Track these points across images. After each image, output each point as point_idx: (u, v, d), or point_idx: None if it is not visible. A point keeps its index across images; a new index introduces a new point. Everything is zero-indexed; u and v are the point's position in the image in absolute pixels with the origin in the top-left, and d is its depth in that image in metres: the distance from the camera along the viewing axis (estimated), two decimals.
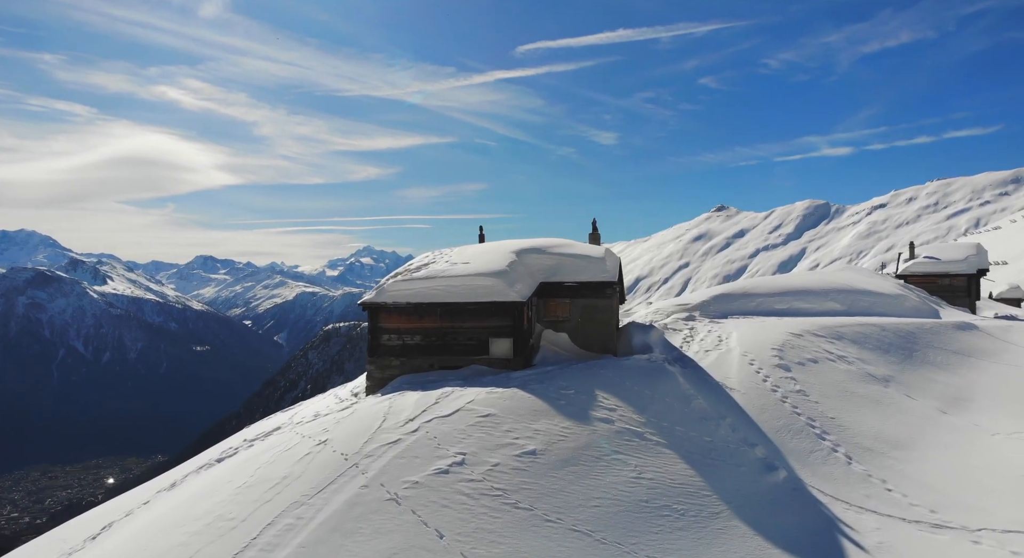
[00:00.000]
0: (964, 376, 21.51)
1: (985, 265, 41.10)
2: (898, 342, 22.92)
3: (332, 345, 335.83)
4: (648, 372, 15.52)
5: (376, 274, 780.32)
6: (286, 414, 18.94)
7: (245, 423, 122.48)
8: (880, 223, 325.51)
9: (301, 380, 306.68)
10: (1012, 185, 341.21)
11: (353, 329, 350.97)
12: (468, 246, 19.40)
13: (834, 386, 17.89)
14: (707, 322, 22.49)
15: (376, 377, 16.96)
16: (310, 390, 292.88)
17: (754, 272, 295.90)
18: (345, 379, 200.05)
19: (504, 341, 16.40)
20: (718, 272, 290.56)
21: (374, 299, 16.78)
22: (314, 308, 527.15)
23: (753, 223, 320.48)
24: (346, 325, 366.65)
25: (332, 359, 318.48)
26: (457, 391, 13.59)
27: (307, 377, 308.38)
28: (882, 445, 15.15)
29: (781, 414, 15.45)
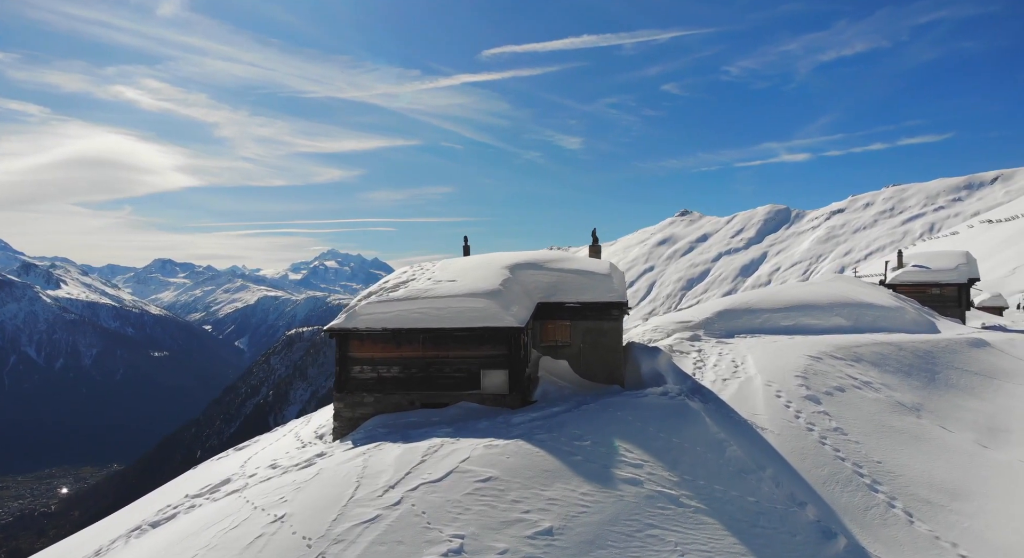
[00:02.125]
0: (991, 401, 19.71)
1: (975, 274, 39.90)
2: (918, 363, 21.04)
3: (295, 350, 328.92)
4: (670, 412, 13.20)
5: (340, 278, 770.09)
6: (239, 456, 16.20)
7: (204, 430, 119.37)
8: (839, 228, 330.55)
9: (263, 386, 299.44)
10: (964, 191, 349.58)
11: (316, 334, 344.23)
12: (453, 259, 16.91)
13: (868, 420, 15.82)
14: (714, 342, 20.33)
15: (345, 417, 14.36)
16: (272, 396, 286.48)
17: (717, 276, 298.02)
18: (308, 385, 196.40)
19: (498, 373, 13.95)
20: (682, 276, 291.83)
21: (343, 324, 14.19)
22: (276, 312, 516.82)
23: (716, 227, 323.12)
24: (309, 330, 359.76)
25: (295, 365, 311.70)
26: (448, 444, 11.08)
27: (269, 383, 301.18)
28: (938, 495, 13.08)
29: (824, 460, 13.28)
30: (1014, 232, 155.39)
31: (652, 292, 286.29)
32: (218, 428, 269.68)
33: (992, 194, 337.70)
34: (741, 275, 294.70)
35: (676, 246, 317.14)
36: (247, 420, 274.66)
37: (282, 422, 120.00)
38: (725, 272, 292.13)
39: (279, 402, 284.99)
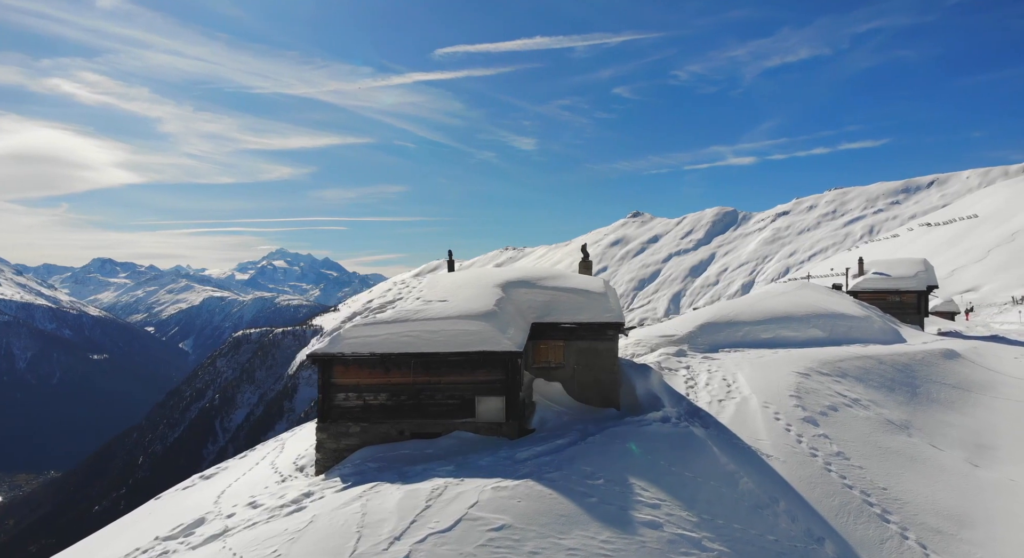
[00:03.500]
0: (973, 416, 19.78)
1: (934, 282, 40.72)
2: (899, 378, 21.03)
3: (242, 352, 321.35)
4: (677, 443, 12.63)
5: (290, 278, 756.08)
6: (209, 487, 15.04)
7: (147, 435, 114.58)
8: (784, 229, 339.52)
9: (208, 390, 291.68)
10: (902, 194, 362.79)
11: (265, 336, 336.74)
12: (439, 276, 16.03)
13: (865, 441, 15.56)
14: (700, 358, 19.93)
15: (329, 448, 13.38)
16: (218, 400, 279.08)
17: (667, 276, 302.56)
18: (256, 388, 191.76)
19: (494, 400, 13.17)
20: (634, 276, 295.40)
21: (328, 349, 13.20)
22: (222, 313, 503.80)
23: (666, 229, 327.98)
24: (257, 331, 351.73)
25: (242, 367, 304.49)
26: (452, 485, 10.26)
27: (215, 386, 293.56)
28: (946, 523, 12.83)
29: (832, 488, 12.89)
30: (952, 235, 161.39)
31: None
32: (161, 433, 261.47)
33: (928, 198, 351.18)
34: (690, 275, 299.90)
35: (628, 247, 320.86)
36: (192, 425, 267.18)
37: (229, 426, 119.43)
38: (675, 273, 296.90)
39: (226, 406, 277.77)
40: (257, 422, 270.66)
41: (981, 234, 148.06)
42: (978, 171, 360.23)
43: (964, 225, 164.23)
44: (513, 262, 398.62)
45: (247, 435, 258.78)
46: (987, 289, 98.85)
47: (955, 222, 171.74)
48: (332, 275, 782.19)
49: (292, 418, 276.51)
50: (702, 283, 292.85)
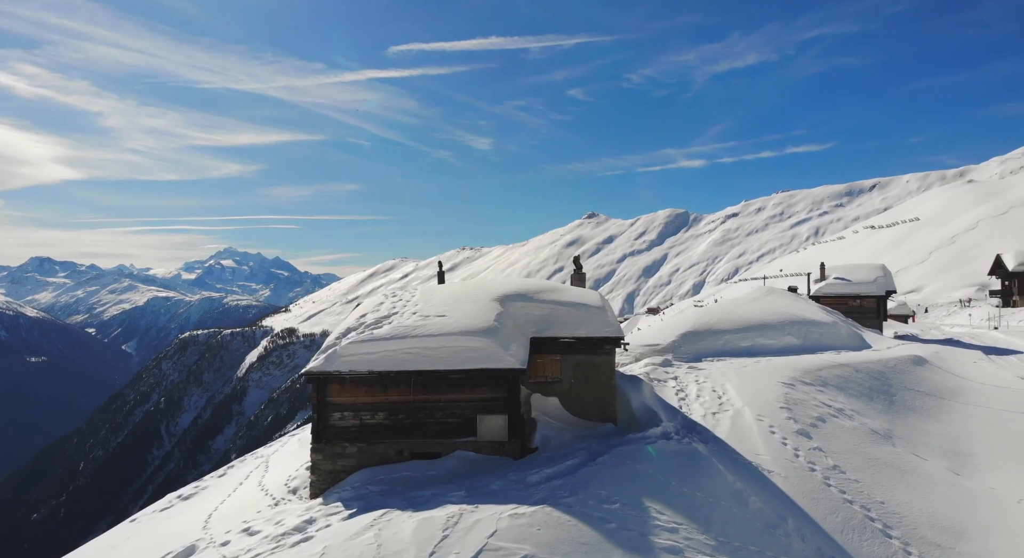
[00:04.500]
0: (947, 423, 20.25)
1: (892, 287, 41.87)
2: (875, 386, 21.45)
3: (189, 354, 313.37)
4: (684, 461, 12.50)
5: (239, 277, 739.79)
6: (191, 509, 14.34)
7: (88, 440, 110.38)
8: (733, 231, 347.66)
9: (154, 393, 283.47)
10: (846, 197, 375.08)
11: (213, 337, 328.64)
12: (434, 288, 15.60)
13: (856, 453, 15.74)
14: (686, 368, 19.95)
15: (325, 469, 12.87)
16: (164, 403, 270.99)
17: (622, 276, 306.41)
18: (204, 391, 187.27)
19: (496, 419, 12.85)
20: (590, 276, 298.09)
21: (323, 367, 12.69)
22: (168, 314, 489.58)
23: (621, 230, 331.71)
24: (205, 333, 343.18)
25: (189, 370, 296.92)
26: (467, 512, 9.90)
27: (160, 389, 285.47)
28: (942, 536, 13.00)
29: (834, 503, 12.95)
30: (895, 237, 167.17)
31: None
32: (103, 438, 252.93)
33: (871, 201, 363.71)
34: (644, 275, 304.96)
35: (584, 247, 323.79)
36: (136, 429, 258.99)
37: (175, 430, 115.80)
38: (629, 273, 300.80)
39: (172, 409, 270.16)
40: (205, 426, 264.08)
41: (922, 237, 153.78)
42: (917, 175, 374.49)
43: (906, 228, 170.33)
44: (470, 262, 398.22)
45: (194, 439, 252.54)
46: (929, 290, 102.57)
47: (898, 225, 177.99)
48: (283, 275, 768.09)
49: (242, 421, 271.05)
50: (655, 283, 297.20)
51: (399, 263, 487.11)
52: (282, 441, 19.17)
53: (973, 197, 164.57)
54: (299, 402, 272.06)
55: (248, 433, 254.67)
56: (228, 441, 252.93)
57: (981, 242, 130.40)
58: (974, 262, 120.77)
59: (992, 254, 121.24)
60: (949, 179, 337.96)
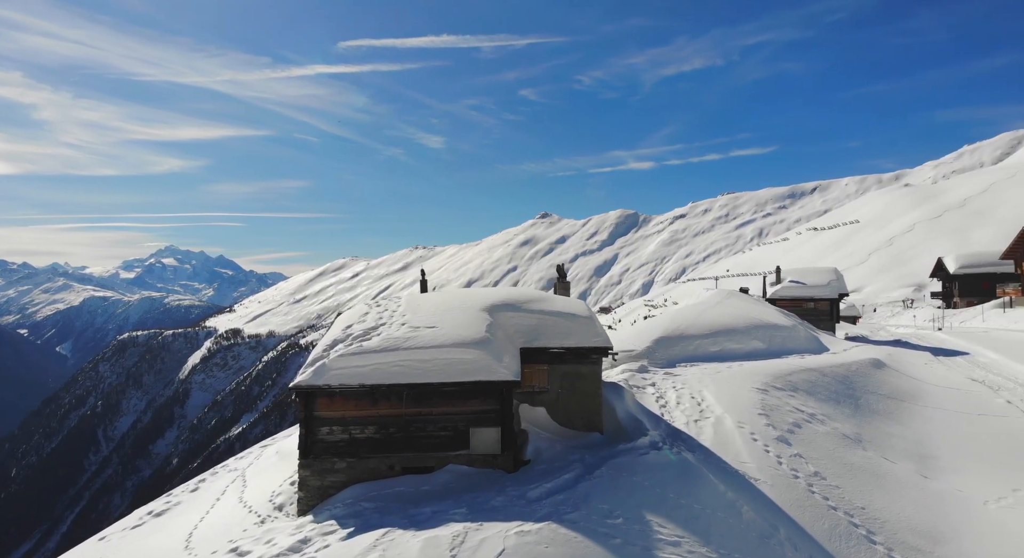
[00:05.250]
0: (909, 426, 20.93)
1: (844, 290, 43.18)
2: (840, 389, 22.05)
3: (128, 356, 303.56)
4: (678, 472, 12.59)
5: (180, 276, 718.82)
6: (167, 526, 13.80)
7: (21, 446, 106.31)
8: (681, 232, 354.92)
9: (90, 396, 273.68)
10: (788, 199, 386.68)
11: (153, 338, 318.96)
12: (419, 297, 15.35)
13: (832, 458, 16.13)
14: (662, 374, 20.17)
15: (313, 486, 12.53)
16: (101, 407, 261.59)
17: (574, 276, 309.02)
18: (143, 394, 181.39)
19: (489, 431, 12.72)
20: (543, 276, 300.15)
21: (312, 381, 12.36)
22: (105, 315, 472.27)
23: (573, 230, 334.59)
24: (144, 334, 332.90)
25: (128, 372, 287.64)
26: (472, 531, 9.75)
27: (97, 392, 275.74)
28: (922, 540, 13.40)
29: (819, 511, 13.22)
30: (836, 239, 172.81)
31: None
32: (37, 443, 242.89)
33: (812, 203, 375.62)
34: (596, 275, 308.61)
35: (537, 247, 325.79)
36: (72, 434, 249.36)
37: (113, 435, 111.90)
38: (582, 272, 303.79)
39: (110, 413, 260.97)
40: (145, 430, 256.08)
41: (862, 239, 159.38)
42: (856, 179, 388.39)
43: (847, 230, 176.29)
44: (423, 261, 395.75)
45: (134, 444, 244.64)
46: (869, 290, 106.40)
47: (839, 227, 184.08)
48: (227, 274, 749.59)
49: (184, 425, 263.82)
50: (606, 282, 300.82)
51: (349, 262, 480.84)
52: (255, 453, 18.63)
53: (909, 201, 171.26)
54: (244, 405, 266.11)
55: (191, 437, 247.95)
56: (170, 445, 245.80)
57: (917, 244, 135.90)
58: (911, 263, 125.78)
59: (928, 255, 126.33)
60: (886, 183, 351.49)
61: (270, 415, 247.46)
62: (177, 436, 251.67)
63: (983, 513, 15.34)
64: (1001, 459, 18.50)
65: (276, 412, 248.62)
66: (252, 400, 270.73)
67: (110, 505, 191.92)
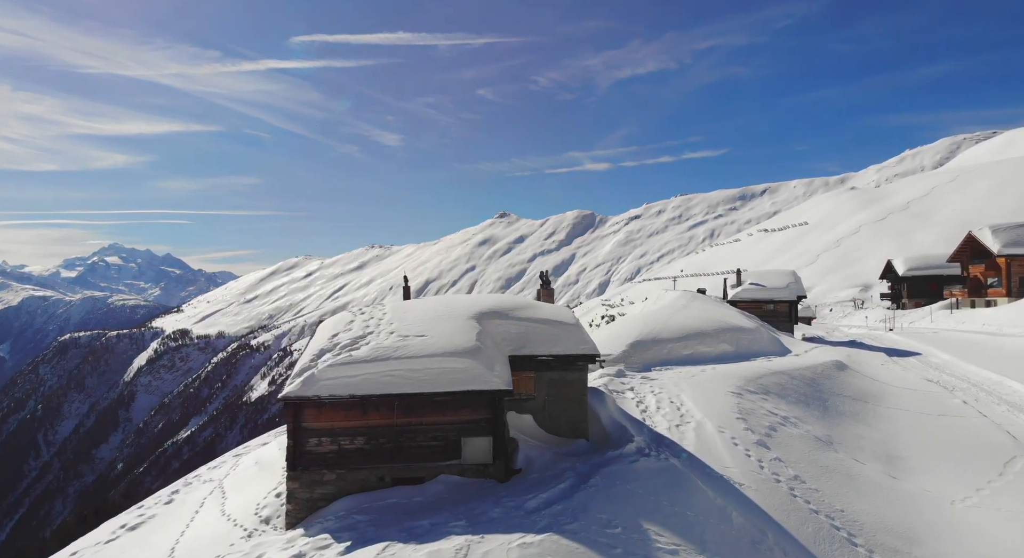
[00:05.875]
0: (875, 427, 21.56)
1: (802, 292, 44.29)
2: (809, 391, 22.60)
3: (70, 358, 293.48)
4: (669, 479, 12.71)
5: (125, 275, 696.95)
6: (148, 545, 13.35)
7: None
8: (636, 232, 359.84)
9: (30, 399, 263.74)
10: (739, 201, 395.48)
11: (96, 339, 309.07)
12: (405, 305, 15.16)
13: (808, 461, 16.51)
14: (639, 379, 20.37)
15: (301, 498, 12.28)
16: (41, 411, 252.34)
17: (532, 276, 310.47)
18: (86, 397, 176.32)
19: (481, 441, 12.66)
20: (501, 275, 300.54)
21: (301, 392, 12.11)
22: (45, 315, 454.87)
23: (531, 230, 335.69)
24: (87, 335, 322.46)
25: (70, 374, 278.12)
26: (474, 543, 9.68)
27: (37, 396, 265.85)
28: (899, 541, 13.80)
29: (802, 515, 13.51)
30: (786, 240, 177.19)
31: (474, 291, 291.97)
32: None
33: (761, 205, 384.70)
34: (554, 275, 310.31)
35: (496, 246, 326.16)
36: (10, 438, 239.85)
37: (54, 439, 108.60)
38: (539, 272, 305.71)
39: (50, 417, 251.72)
40: (88, 434, 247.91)
41: (811, 240, 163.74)
42: (803, 181, 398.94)
43: (796, 232, 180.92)
44: (380, 260, 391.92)
45: (76, 449, 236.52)
46: (818, 290, 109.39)
47: (788, 229, 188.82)
48: (174, 273, 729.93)
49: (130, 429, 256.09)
50: (564, 282, 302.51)
51: (302, 261, 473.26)
52: (229, 462, 18.17)
53: (855, 203, 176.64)
54: (193, 407, 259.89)
55: (137, 441, 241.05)
56: (114, 450, 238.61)
57: (863, 245, 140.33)
58: (857, 264, 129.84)
59: (874, 257, 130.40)
60: (832, 185, 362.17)
61: (220, 418, 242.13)
62: (122, 440, 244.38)
63: (952, 513, 15.88)
64: (963, 459, 19.17)
65: (226, 415, 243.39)
66: (201, 403, 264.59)
67: (51, 512, 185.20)
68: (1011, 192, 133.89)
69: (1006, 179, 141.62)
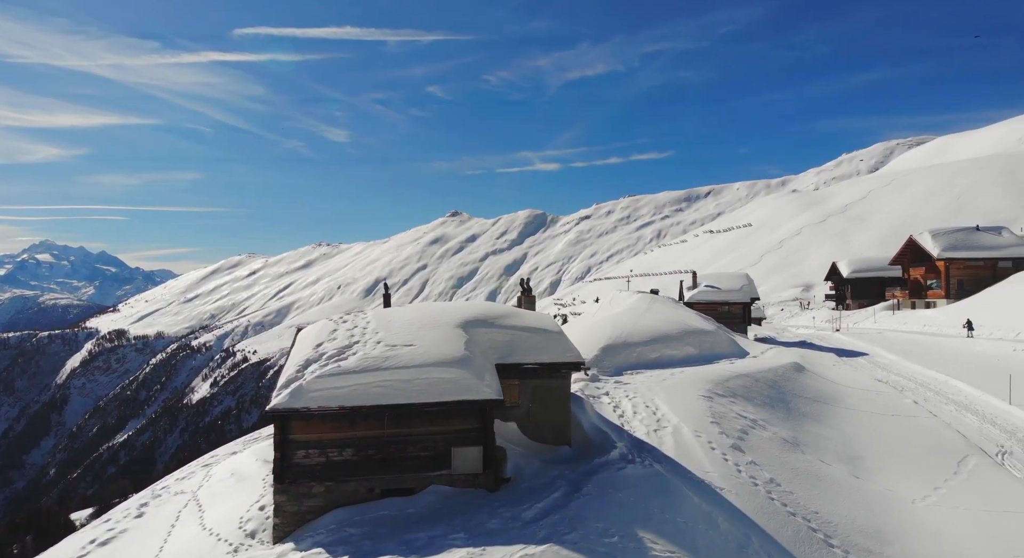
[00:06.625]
0: (834, 427, 22.29)
1: (755, 294, 45.45)
2: (772, 394, 23.22)
3: None
4: (657, 486, 12.91)
5: (57, 274, 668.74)
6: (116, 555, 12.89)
7: None
8: (586, 232, 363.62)
9: None
10: (685, 203, 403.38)
11: (26, 340, 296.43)
12: (388, 313, 14.98)
13: (780, 463, 16.98)
14: (612, 383, 20.64)
15: (289, 511, 12.05)
16: None
17: (484, 275, 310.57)
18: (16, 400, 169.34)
19: (471, 450, 12.63)
20: (453, 274, 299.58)
21: (289, 404, 11.87)
22: None
23: (483, 229, 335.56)
24: (16, 335, 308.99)
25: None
26: (476, 557, 9.67)
27: None
28: (870, 541, 14.31)
29: (780, 518, 13.89)
30: (730, 241, 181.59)
31: (425, 290, 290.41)
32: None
33: (706, 206, 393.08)
34: (505, 274, 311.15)
35: (447, 245, 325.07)
36: None
37: None
38: (491, 271, 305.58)
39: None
40: (18, 439, 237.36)
41: (755, 241, 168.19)
42: (746, 184, 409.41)
43: (740, 233, 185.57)
44: (328, 258, 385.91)
45: (5, 454, 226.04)
46: (762, 290, 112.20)
47: (733, 230, 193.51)
48: (110, 271, 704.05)
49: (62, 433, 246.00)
50: (515, 281, 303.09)
51: (246, 259, 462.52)
52: (198, 473, 17.65)
53: (796, 206, 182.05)
54: (130, 410, 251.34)
55: (70, 445, 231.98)
56: (46, 455, 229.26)
57: (805, 246, 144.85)
58: (799, 264, 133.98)
59: (815, 257, 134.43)
60: (773, 188, 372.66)
61: (159, 421, 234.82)
62: (54, 445, 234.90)
63: (915, 512, 16.53)
64: (918, 459, 19.97)
65: (166, 418, 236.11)
66: (139, 405, 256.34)
67: None
68: (943, 196, 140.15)
69: (938, 184, 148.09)
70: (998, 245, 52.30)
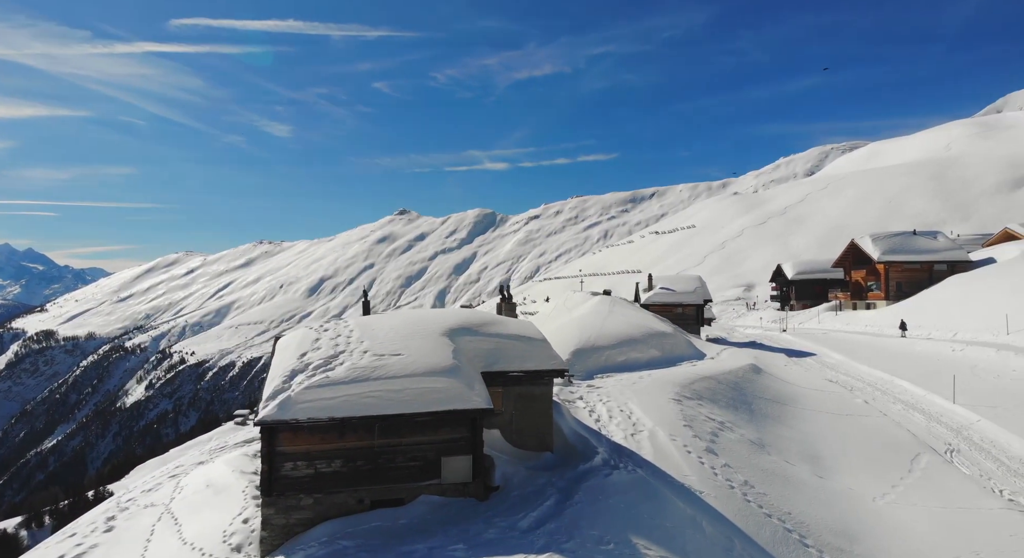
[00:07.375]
0: (793, 427, 23.05)
1: (708, 296, 46.51)
2: (735, 396, 23.86)
3: None
4: (644, 493, 13.14)
5: None
6: None
7: None
8: (535, 232, 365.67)
9: None
10: (630, 204, 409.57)
11: None
12: (370, 321, 14.80)
13: (750, 465, 17.47)
14: (585, 387, 20.89)
15: (277, 524, 11.84)
16: None
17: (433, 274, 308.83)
18: None
19: (461, 460, 12.63)
20: (401, 273, 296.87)
21: (278, 415, 11.66)
22: None
23: (432, 227, 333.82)
24: None
25: None
26: None
27: None
28: (841, 540, 14.85)
29: (757, 519, 14.31)
30: (675, 242, 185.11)
31: (372, 289, 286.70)
32: None
33: (650, 207, 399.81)
34: (455, 273, 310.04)
35: (395, 244, 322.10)
36: None
37: None
38: (441, 270, 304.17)
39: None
40: None
41: (698, 242, 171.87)
42: (688, 185, 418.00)
43: (685, 234, 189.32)
44: (269, 257, 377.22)
45: None
46: None
47: (677, 231, 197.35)
48: (37, 269, 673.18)
49: None
50: (465, 280, 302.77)
51: (183, 257, 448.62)
52: (166, 484, 17.11)
53: (738, 208, 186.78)
54: (60, 414, 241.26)
55: None
56: None
57: (746, 247, 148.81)
58: (741, 265, 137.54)
59: (756, 258, 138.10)
60: (715, 190, 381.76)
61: (90, 425, 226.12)
62: None
63: (876, 510, 17.23)
64: (874, 457, 20.81)
65: (98, 422, 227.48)
66: (69, 409, 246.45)
67: None
68: (876, 200, 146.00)
69: (871, 188, 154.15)
70: (934, 249, 54.86)
